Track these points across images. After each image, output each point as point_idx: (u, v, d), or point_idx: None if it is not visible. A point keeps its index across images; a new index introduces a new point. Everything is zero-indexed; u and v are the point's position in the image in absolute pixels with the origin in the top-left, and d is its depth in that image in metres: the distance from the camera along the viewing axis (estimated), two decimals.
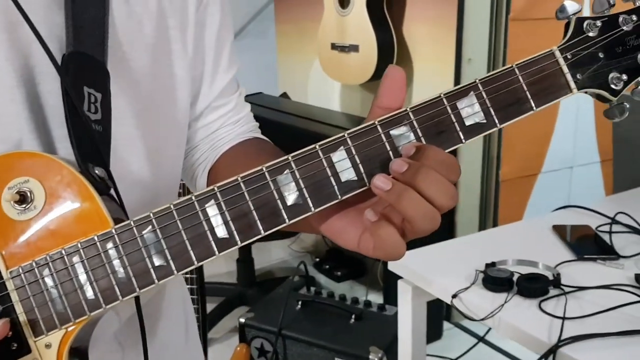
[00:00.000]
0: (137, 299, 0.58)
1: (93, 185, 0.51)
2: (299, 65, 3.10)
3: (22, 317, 0.49)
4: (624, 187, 1.70)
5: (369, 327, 1.57)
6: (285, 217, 0.50)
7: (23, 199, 0.49)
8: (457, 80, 2.25)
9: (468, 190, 2.42)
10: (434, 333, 2.30)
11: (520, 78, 0.51)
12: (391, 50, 2.42)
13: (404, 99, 0.52)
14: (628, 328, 0.93)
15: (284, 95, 3.25)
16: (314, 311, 1.64)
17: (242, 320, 1.61)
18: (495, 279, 1.05)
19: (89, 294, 0.49)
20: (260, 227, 0.50)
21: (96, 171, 0.53)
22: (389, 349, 1.47)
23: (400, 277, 1.24)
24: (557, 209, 1.49)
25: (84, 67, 0.54)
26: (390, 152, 0.50)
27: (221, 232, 0.50)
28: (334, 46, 2.59)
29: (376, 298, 2.45)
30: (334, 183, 0.50)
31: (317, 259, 2.98)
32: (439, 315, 2.39)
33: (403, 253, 0.49)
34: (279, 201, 0.50)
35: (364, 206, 0.51)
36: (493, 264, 1.12)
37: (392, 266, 1.24)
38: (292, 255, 3.19)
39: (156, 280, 0.49)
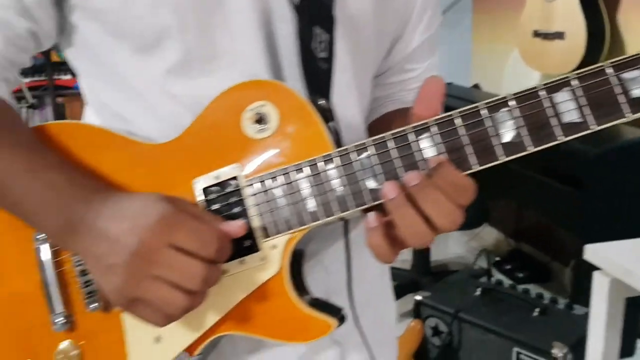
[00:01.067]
0: (346, 226, 0.63)
1: (319, 113, 0.56)
2: (494, 56, 3.00)
3: (254, 221, 0.55)
4: None
5: (554, 323, 1.49)
6: (500, 154, 0.50)
7: (260, 120, 0.56)
8: None
9: None
10: (626, 349, 2.10)
11: None
12: (601, 38, 2.23)
13: (437, 110, 0.52)
14: None
15: (476, 86, 3.17)
16: (494, 300, 1.60)
17: (419, 298, 1.62)
18: None
19: (311, 206, 0.54)
20: (473, 162, 0.51)
21: (321, 102, 0.58)
22: (574, 348, 1.38)
23: (596, 269, 1.15)
24: None
25: (315, 10, 0.60)
26: (622, 96, 0.48)
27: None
28: (536, 34, 2.47)
29: None
30: (555, 124, 0.49)
31: (497, 259, 2.87)
32: (633, 331, 2.17)
33: (391, 261, 0.52)
34: (494, 138, 0.51)
35: None
36: None
37: (590, 256, 1.16)
38: (469, 251, 3.11)
39: (369, 202, 0.53)
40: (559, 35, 2.32)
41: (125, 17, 0.58)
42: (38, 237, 0.60)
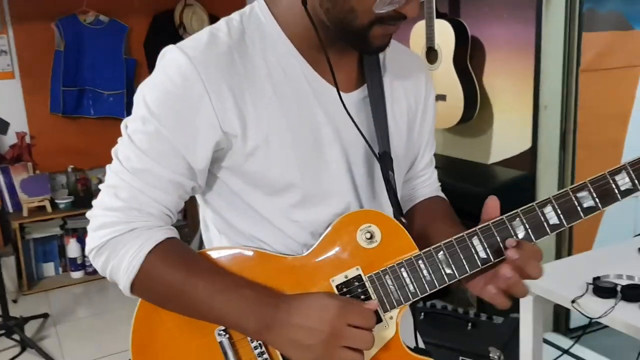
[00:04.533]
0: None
1: (405, 228, 0.90)
2: None
3: (375, 301, 0.87)
4: None
5: (484, 332, 1.93)
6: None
7: (370, 236, 0.89)
8: (535, 125, 2.60)
9: None
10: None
11: None
12: (475, 99, 2.79)
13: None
14: None
15: None
16: (435, 320, 2.01)
17: None
18: (603, 289, 1.40)
19: (411, 288, 0.87)
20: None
21: (404, 220, 0.92)
22: (504, 349, 1.82)
23: None
24: (638, 235, 1.83)
25: (386, 158, 0.94)
26: (578, 207, 0.87)
27: (483, 254, 0.87)
28: None
29: None
30: (546, 227, 0.88)
31: None
32: None
33: (507, 307, 0.86)
34: (514, 235, 0.88)
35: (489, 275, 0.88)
36: (598, 278, 1.47)
37: None
38: None
39: (449, 281, 0.87)
40: (442, 97, 2.85)
41: (263, 177, 0.87)
42: (220, 331, 0.87)
